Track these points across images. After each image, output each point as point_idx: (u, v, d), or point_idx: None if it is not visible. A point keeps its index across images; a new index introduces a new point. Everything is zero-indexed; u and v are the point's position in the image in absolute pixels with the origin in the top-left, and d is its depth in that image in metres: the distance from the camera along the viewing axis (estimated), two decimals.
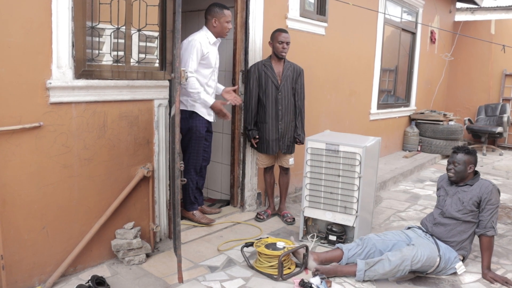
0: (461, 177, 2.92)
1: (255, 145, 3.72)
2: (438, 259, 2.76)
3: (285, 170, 3.85)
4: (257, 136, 3.68)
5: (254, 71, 3.63)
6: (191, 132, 3.43)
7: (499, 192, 2.86)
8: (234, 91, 3.65)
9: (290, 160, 3.77)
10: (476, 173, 2.97)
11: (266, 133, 3.65)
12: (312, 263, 2.82)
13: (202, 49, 3.30)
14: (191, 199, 3.59)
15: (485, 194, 2.81)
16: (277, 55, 3.61)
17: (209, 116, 3.52)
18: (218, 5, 3.40)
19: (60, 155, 2.49)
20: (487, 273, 2.84)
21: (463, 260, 2.92)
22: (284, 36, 3.56)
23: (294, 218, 3.80)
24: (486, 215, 2.82)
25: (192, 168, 3.51)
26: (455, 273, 2.86)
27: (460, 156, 2.89)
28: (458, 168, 2.89)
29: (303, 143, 3.72)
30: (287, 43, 3.57)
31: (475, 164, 2.93)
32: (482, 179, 2.92)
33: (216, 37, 3.44)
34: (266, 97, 3.62)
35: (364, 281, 2.74)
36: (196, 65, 3.31)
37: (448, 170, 2.96)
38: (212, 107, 3.39)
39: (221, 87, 3.64)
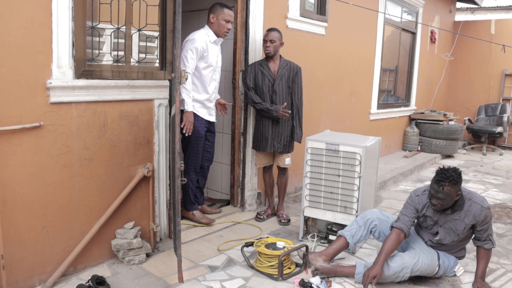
0: (447, 206, 2.65)
1: (287, 114, 3.55)
2: (437, 268, 2.75)
3: (282, 171, 3.82)
4: (285, 103, 3.56)
5: (251, 71, 3.63)
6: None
7: (489, 207, 2.68)
8: (225, 107, 3.73)
9: (287, 160, 3.74)
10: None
11: (262, 131, 3.65)
12: (323, 264, 2.79)
13: (201, 46, 3.30)
14: (191, 199, 3.59)
15: (479, 220, 2.65)
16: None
17: (210, 116, 3.53)
18: (219, 3, 3.42)
19: (61, 155, 2.49)
20: (478, 282, 2.72)
21: (460, 259, 2.90)
22: (267, 34, 3.56)
23: (289, 219, 3.75)
24: (482, 232, 2.70)
25: (191, 168, 3.50)
26: (455, 274, 2.87)
27: (447, 190, 2.52)
28: (445, 202, 2.59)
29: (300, 142, 3.72)
30: (271, 41, 3.53)
31: (460, 185, 2.61)
32: (470, 201, 2.66)
33: (217, 36, 3.44)
34: (262, 97, 3.61)
35: None
36: (195, 63, 3.31)
37: (433, 204, 2.63)
38: (185, 114, 3.25)
39: (217, 96, 3.64)
